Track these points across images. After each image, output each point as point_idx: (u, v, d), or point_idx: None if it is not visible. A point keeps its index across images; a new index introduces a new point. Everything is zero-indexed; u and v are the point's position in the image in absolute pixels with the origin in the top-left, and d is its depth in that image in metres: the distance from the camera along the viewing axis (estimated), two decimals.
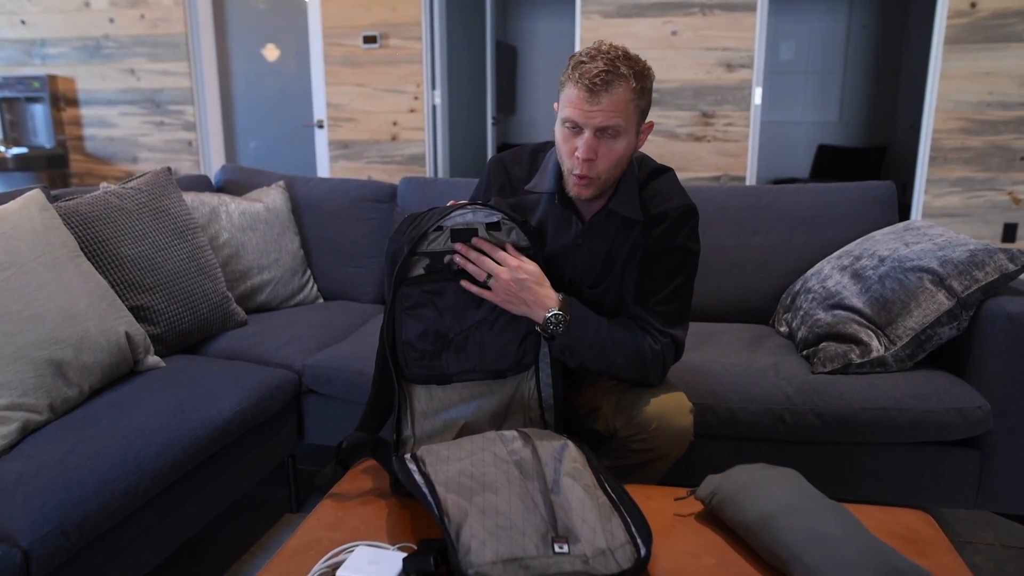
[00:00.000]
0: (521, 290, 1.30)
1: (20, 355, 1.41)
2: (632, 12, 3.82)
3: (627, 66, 1.26)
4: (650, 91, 1.32)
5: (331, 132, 4.33)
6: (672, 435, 1.37)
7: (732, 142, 3.86)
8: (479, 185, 1.53)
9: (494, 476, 1.12)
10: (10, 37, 4.59)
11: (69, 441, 1.35)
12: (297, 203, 2.47)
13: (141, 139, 4.61)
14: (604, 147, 1.29)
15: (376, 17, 4.12)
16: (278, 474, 2.21)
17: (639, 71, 1.28)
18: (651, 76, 1.31)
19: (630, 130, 1.30)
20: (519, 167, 1.47)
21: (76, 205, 1.80)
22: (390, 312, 1.32)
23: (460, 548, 0.99)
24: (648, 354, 1.36)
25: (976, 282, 1.61)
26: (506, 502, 1.06)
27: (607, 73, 1.24)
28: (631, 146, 1.32)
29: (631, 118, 1.29)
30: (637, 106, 1.29)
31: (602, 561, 0.99)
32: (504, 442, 1.23)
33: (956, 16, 3.44)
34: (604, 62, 1.25)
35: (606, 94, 1.25)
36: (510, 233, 1.34)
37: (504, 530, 1.01)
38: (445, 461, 1.18)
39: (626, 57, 1.27)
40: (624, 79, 1.25)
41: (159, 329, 1.85)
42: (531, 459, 1.17)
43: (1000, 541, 1.88)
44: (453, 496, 1.08)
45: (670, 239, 1.39)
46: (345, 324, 2.16)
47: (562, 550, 0.99)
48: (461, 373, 1.35)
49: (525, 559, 0.97)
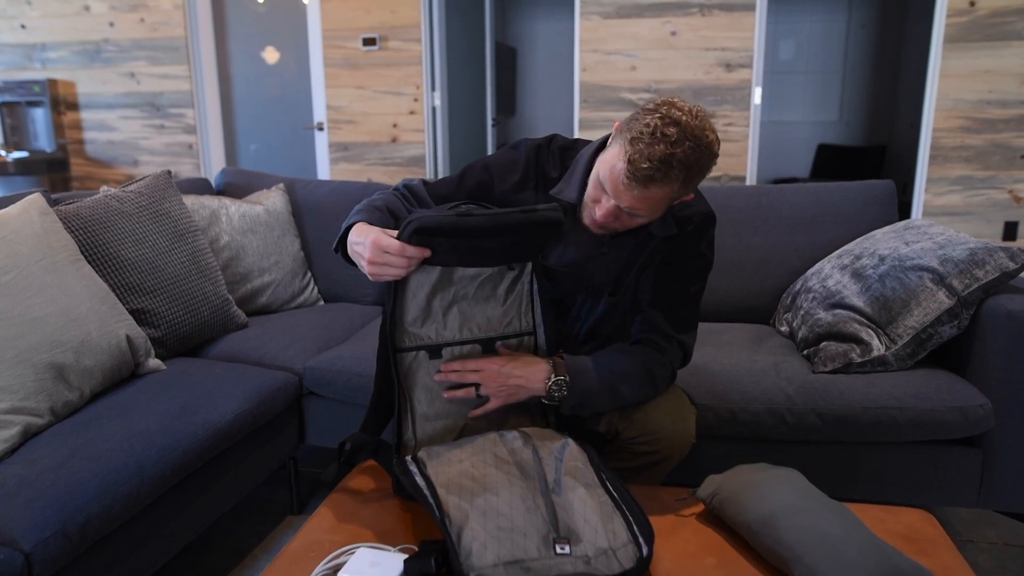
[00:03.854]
0: (509, 378, 1.27)
1: (21, 359, 1.42)
2: (631, 13, 3.82)
3: (683, 168, 1.16)
4: (701, 176, 1.22)
5: (331, 134, 4.34)
6: (675, 437, 1.37)
7: (732, 142, 3.86)
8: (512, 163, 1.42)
9: (495, 477, 1.12)
10: (10, 41, 4.60)
11: (70, 445, 1.35)
12: (297, 205, 2.48)
13: (141, 142, 4.62)
14: (625, 217, 1.26)
15: (375, 19, 4.13)
16: (279, 476, 2.22)
17: (691, 174, 1.18)
18: (706, 164, 1.20)
19: (655, 214, 1.26)
20: (552, 165, 1.41)
21: (76, 209, 1.81)
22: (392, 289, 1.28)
23: (462, 551, 0.99)
24: (656, 369, 1.35)
25: (976, 281, 1.61)
26: (507, 503, 1.06)
27: (655, 171, 1.15)
28: (655, 219, 1.29)
29: (660, 208, 1.24)
30: (674, 199, 1.24)
31: (604, 561, 0.99)
32: (505, 442, 1.23)
33: (955, 15, 3.44)
34: (660, 157, 1.14)
35: (643, 189, 1.18)
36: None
37: (505, 532, 1.00)
38: (446, 463, 1.18)
39: (692, 151, 1.15)
40: (669, 182, 1.17)
41: (160, 332, 1.85)
42: (532, 459, 1.17)
43: (1002, 540, 1.88)
44: (454, 498, 1.08)
45: (693, 245, 1.37)
46: (346, 326, 2.16)
47: (563, 551, 0.99)
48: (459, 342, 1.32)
49: (526, 561, 0.97)
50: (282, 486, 2.18)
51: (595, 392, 1.31)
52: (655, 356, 1.35)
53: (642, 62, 3.89)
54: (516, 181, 1.40)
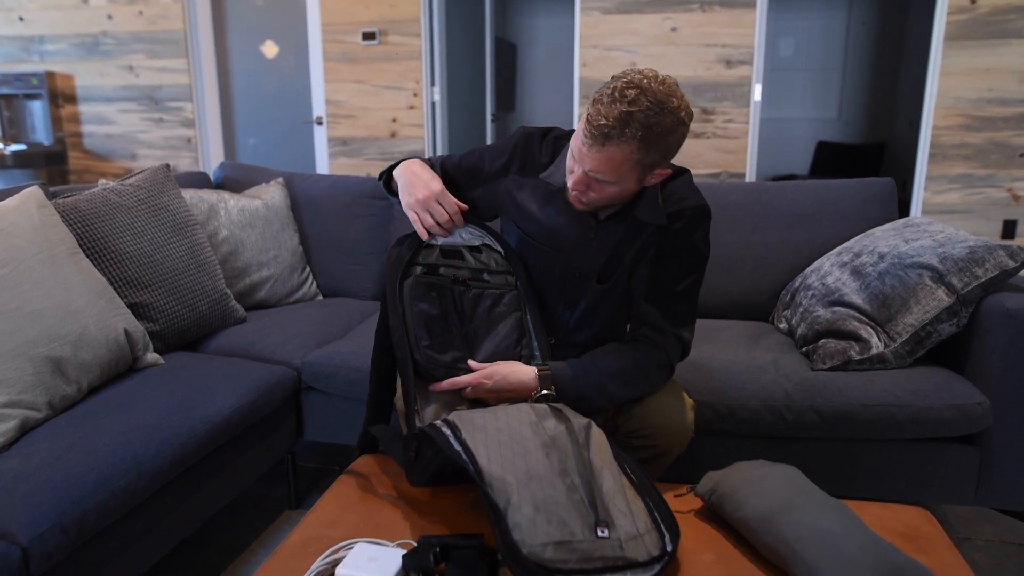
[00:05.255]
0: (499, 389, 1.32)
1: (19, 352, 1.41)
2: (632, 8, 3.81)
3: (639, 127, 1.15)
4: (669, 147, 1.21)
5: (330, 129, 4.33)
6: (673, 432, 1.37)
7: (732, 139, 3.85)
8: (502, 149, 1.46)
9: (534, 452, 1.09)
10: (8, 34, 4.58)
11: (68, 438, 1.35)
12: (296, 200, 2.47)
13: (140, 136, 4.60)
14: (596, 185, 1.26)
15: (375, 14, 4.11)
16: (277, 471, 2.21)
17: (651, 135, 1.17)
18: (669, 128, 1.18)
19: (625, 182, 1.25)
20: (544, 151, 1.43)
21: (75, 202, 1.80)
22: (401, 313, 1.35)
23: (510, 524, 0.98)
24: (650, 366, 1.35)
25: (976, 279, 1.61)
26: (549, 482, 1.04)
27: (611, 129, 1.16)
28: (628, 191, 1.29)
29: (627, 175, 1.23)
30: (638, 164, 1.21)
31: (634, 546, 0.99)
32: (539, 416, 1.18)
33: (956, 12, 3.43)
34: (617, 115, 1.15)
35: (600, 148, 1.18)
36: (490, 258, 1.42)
37: (552, 511, 0.99)
38: (482, 430, 1.13)
39: (651, 110, 1.15)
40: (625, 141, 1.17)
41: (158, 326, 1.84)
42: (566, 437, 1.14)
43: (999, 537, 1.89)
44: (496, 468, 1.05)
45: (686, 237, 1.37)
46: (344, 321, 2.16)
47: (603, 534, 0.99)
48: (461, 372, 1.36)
49: (573, 543, 0.96)
50: (280, 481, 2.18)
51: (587, 395, 1.33)
52: (650, 352, 1.36)
53: (642, 58, 3.88)
54: (499, 166, 1.46)
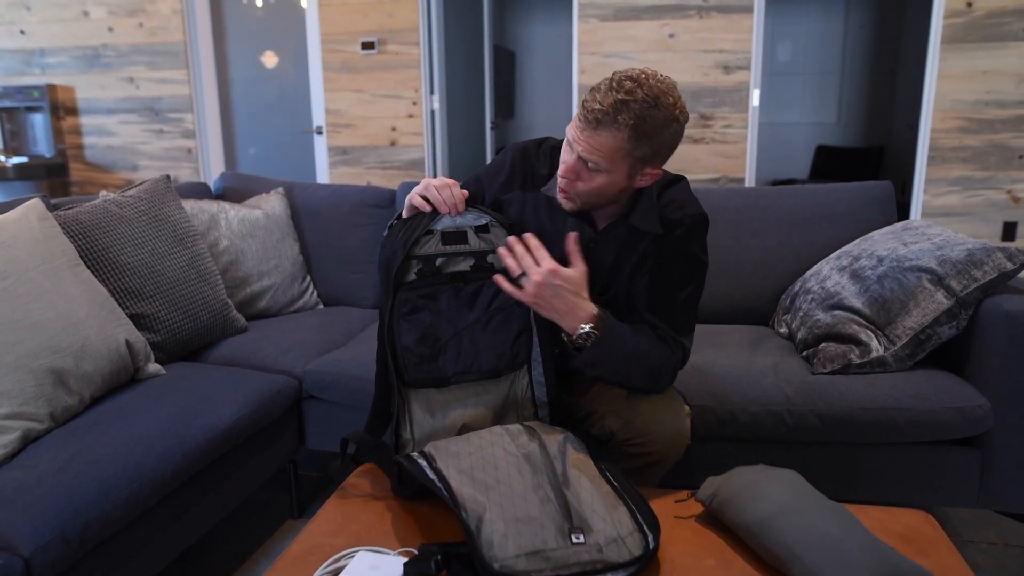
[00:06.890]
0: (553, 296, 1.24)
1: (20, 364, 1.42)
2: (629, 15, 3.83)
3: (632, 116, 1.19)
4: (661, 143, 1.24)
5: (330, 138, 4.34)
6: (669, 438, 1.36)
7: (730, 144, 3.86)
8: (499, 166, 1.48)
9: (506, 469, 1.14)
10: (9, 47, 4.60)
11: (70, 449, 1.35)
12: (296, 209, 2.48)
13: (141, 147, 4.62)
14: (586, 174, 1.28)
15: (374, 23, 4.13)
16: (279, 480, 2.22)
17: (643, 126, 1.20)
18: (662, 123, 1.21)
19: (615, 172, 1.26)
20: (542, 162, 1.45)
21: (76, 214, 1.81)
22: (388, 319, 1.33)
23: (483, 542, 1.00)
24: (664, 364, 1.35)
25: (975, 281, 1.61)
26: (521, 496, 1.08)
27: (604, 115, 1.20)
28: (617, 185, 1.29)
29: (618, 164, 1.25)
30: (629, 154, 1.24)
31: (615, 549, 1.02)
32: (511, 436, 1.25)
33: (953, 16, 3.44)
34: (612, 102, 1.19)
35: (593, 132, 1.22)
36: (498, 236, 1.36)
37: (523, 523, 1.03)
38: (455, 456, 1.20)
39: (646, 102, 1.19)
40: (617, 128, 1.20)
41: (159, 337, 1.85)
42: (539, 452, 1.20)
43: (1002, 540, 1.88)
44: (468, 490, 1.10)
45: (684, 245, 1.37)
46: (345, 329, 2.16)
47: (579, 540, 1.01)
48: (458, 374, 1.36)
49: (546, 551, 0.99)
50: (282, 490, 2.18)
51: (612, 360, 1.31)
52: (668, 354, 1.36)
53: (640, 64, 3.89)
54: (502, 182, 1.46)
